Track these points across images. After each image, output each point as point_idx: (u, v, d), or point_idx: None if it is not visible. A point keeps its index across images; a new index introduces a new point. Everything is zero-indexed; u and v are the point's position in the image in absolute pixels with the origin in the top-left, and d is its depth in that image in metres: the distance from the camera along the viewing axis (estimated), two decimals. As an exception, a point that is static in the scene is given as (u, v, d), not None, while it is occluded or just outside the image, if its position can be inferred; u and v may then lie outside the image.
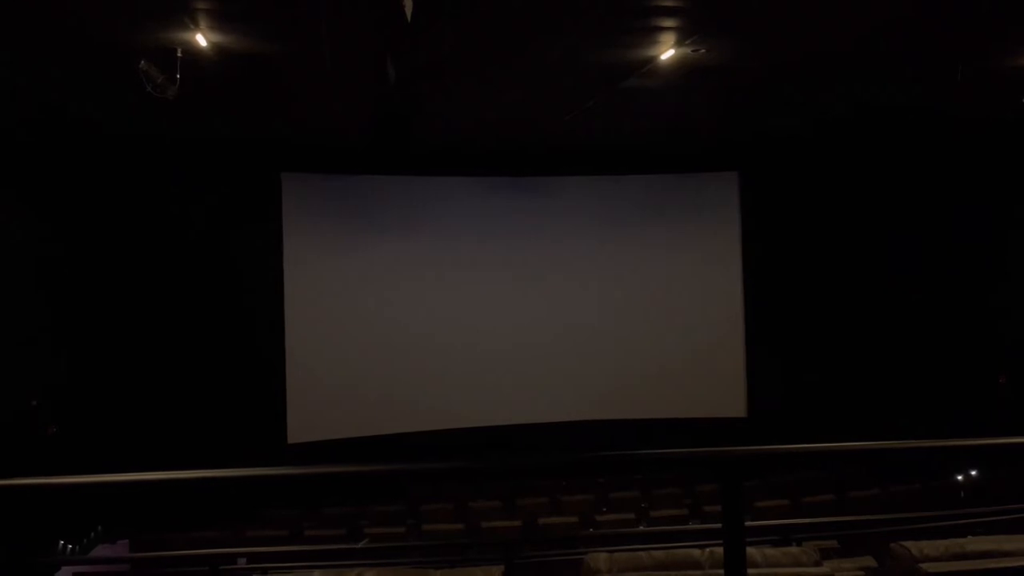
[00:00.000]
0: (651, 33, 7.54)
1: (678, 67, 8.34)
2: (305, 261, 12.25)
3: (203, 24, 6.92)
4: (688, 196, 13.49)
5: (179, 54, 7.30)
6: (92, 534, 9.17)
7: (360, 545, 5.78)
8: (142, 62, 7.12)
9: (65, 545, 8.64)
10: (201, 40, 7.13)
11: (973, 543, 2.90)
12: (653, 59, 8.16)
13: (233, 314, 11.62)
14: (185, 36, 7.08)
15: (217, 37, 7.20)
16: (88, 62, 7.84)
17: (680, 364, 13.17)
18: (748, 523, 5.06)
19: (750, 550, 2.79)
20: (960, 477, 9.44)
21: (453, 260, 12.91)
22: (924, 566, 2.76)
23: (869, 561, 4.54)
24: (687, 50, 7.91)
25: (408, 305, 12.68)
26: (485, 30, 7.41)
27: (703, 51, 7.95)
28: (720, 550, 2.36)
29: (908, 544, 2.88)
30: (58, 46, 7.42)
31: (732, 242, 13.47)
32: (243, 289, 11.75)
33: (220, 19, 6.85)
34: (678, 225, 13.44)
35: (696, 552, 2.90)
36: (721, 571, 2.07)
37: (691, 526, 8.16)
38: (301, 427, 11.94)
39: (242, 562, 6.28)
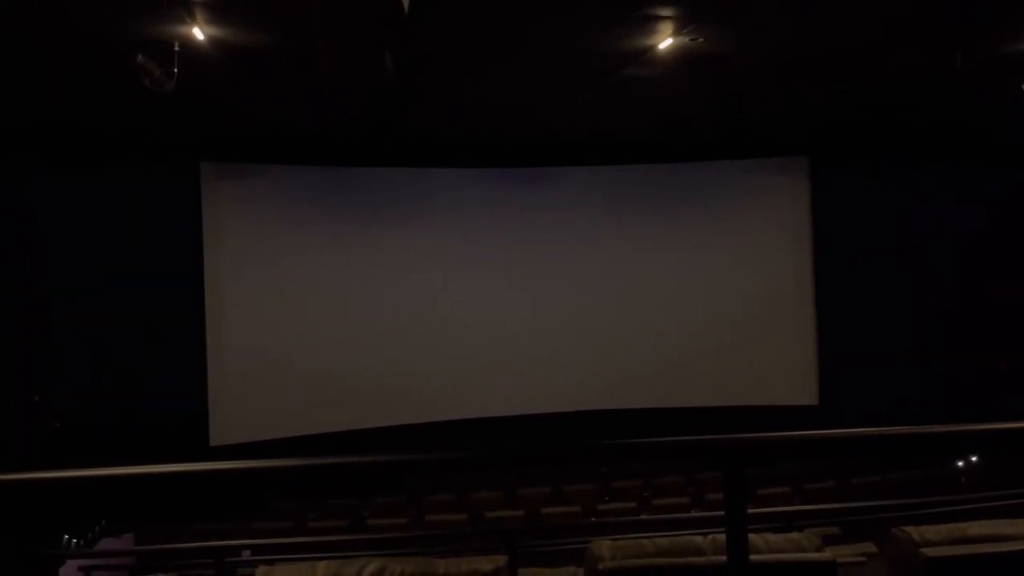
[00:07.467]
0: (649, 22, 7.51)
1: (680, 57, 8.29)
2: (291, 253, 11.84)
3: (200, 18, 6.90)
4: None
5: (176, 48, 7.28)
6: (97, 528, 9.19)
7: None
8: (139, 56, 7.10)
9: (70, 540, 8.67)
10: (198, 34, 7.11)
11: (974, 527, 2.92)
12: (651, 48, 8.13)
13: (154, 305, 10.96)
14: (182, 30, 7.06)
15: (215, 31, 7.17)
16: (81, 57, 7.79)
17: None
18: (750, 510, 5.08)
19: (752, 536, 2.80)
20: (960, 463, 9.48)
21: (458, 254, 12.69)
22: (925, 551, 2.78)
23: (870, 547, 4.56)
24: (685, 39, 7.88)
25: (402, 297, 12.44)
26: (481, 18, 7.39)
27: (701, 40, 7.92)
28: (723, 536, 2.37)
29: (909, 529, 2.89)
30: (49, 40, 7.38)
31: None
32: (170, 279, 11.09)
33: (218, 13, 6.82)
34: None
35: (699, 539, 2.92)
36: (724, 557, 2.08)
37: (694, 514, 8.18)
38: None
39: (246, 554, 6.32)
